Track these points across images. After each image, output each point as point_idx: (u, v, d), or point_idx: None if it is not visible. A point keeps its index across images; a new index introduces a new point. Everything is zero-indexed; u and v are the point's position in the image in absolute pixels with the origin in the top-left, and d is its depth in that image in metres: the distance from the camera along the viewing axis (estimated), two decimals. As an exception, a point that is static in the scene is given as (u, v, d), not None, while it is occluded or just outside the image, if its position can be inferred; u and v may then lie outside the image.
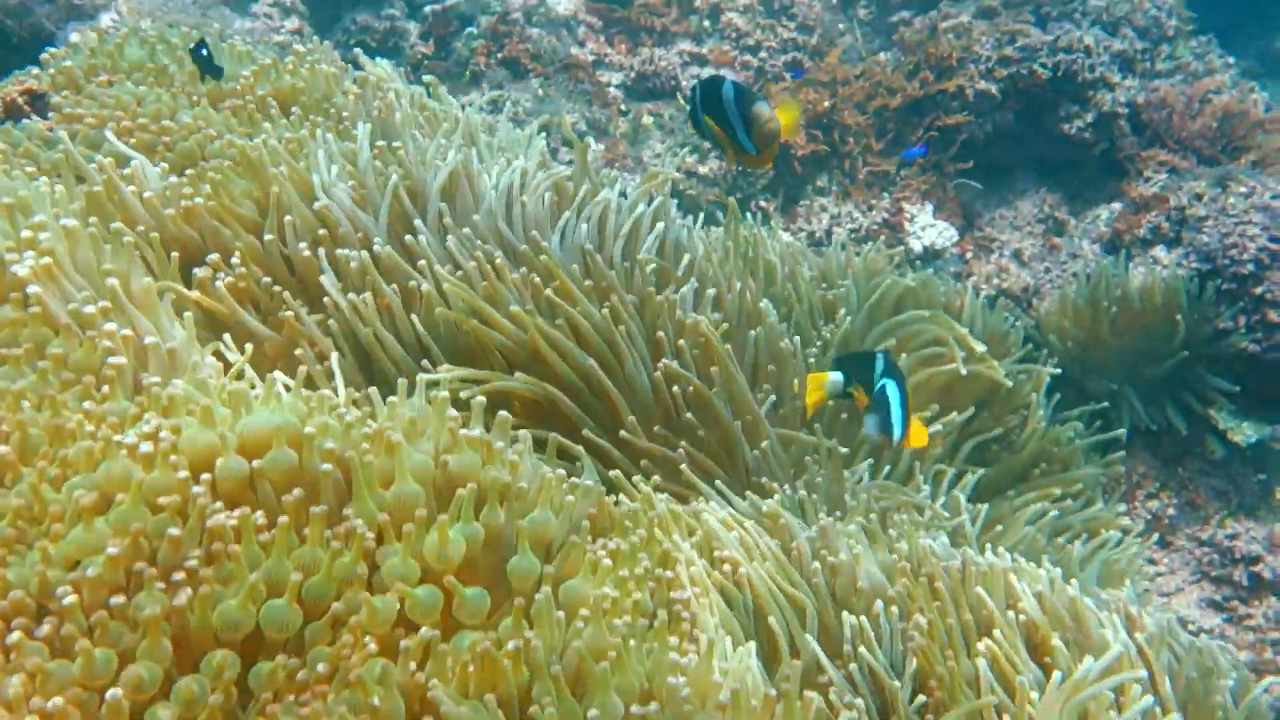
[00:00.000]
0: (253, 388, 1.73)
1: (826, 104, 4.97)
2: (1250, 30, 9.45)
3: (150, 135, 2.16)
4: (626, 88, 5.05)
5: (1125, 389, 4.42)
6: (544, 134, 4.64)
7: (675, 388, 2.33)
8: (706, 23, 5.31)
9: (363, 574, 1.49)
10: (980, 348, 3.33)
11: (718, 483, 2.28)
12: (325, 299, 2.11)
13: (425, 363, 2.13)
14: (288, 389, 1.70)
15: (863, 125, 5.05)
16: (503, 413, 1.79)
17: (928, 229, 4.79)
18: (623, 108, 4.98)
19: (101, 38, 2.51)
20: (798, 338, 2.90)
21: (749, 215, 4.89)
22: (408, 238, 2.23)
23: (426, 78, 3.28)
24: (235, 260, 2.07)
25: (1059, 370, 3.99)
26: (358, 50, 3.29)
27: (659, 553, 1.86)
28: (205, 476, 1.48)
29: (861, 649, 1.93)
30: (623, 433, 2.24)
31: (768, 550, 2.05)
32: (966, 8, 5.25)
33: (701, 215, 3.53)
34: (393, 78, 3.12)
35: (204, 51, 2.88)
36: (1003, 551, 2.33)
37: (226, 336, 1.97)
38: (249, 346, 1.89)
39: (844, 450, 2.64)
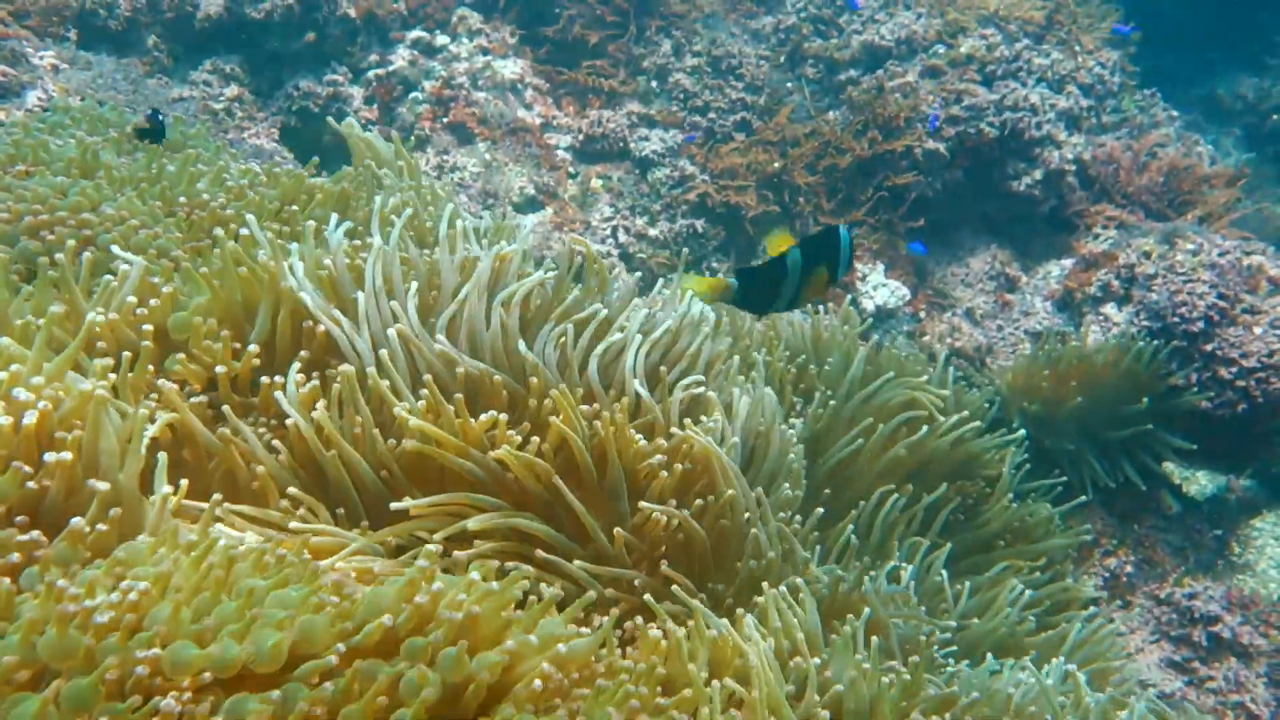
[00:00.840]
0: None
1: (776, 165, 4.96)
2: (1195, 79, 9.66)
3: (69, 229, 2.06)
4: (575, 149, 5.01)
5: (1083, 448, 4.40)
6: (492, 200, 4.59)
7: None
8: (654, 83, 5.29)
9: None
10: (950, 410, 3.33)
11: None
12: (288, 421, 1.94)
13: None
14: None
15: (813, 185, 5.04)
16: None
17: (879, 288, 4.77)
18: (571, 170, 4.93)
19: (24, 126, 2.41)
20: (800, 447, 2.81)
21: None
22: (382, 352, 2.06)
23: (384, 131, 3.19)
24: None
25: (1025, 439, 3.98)
26: (350, 120, 3.19)
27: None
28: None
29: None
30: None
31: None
32: (913, 66, 5.28)
33: (644, 276, 3.44)
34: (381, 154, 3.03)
35: (160, 119, 2.79)
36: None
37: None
38: (183, 483, 1.77)
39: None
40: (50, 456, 1.55)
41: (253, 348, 2.01)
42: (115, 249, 2.01)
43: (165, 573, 1.45)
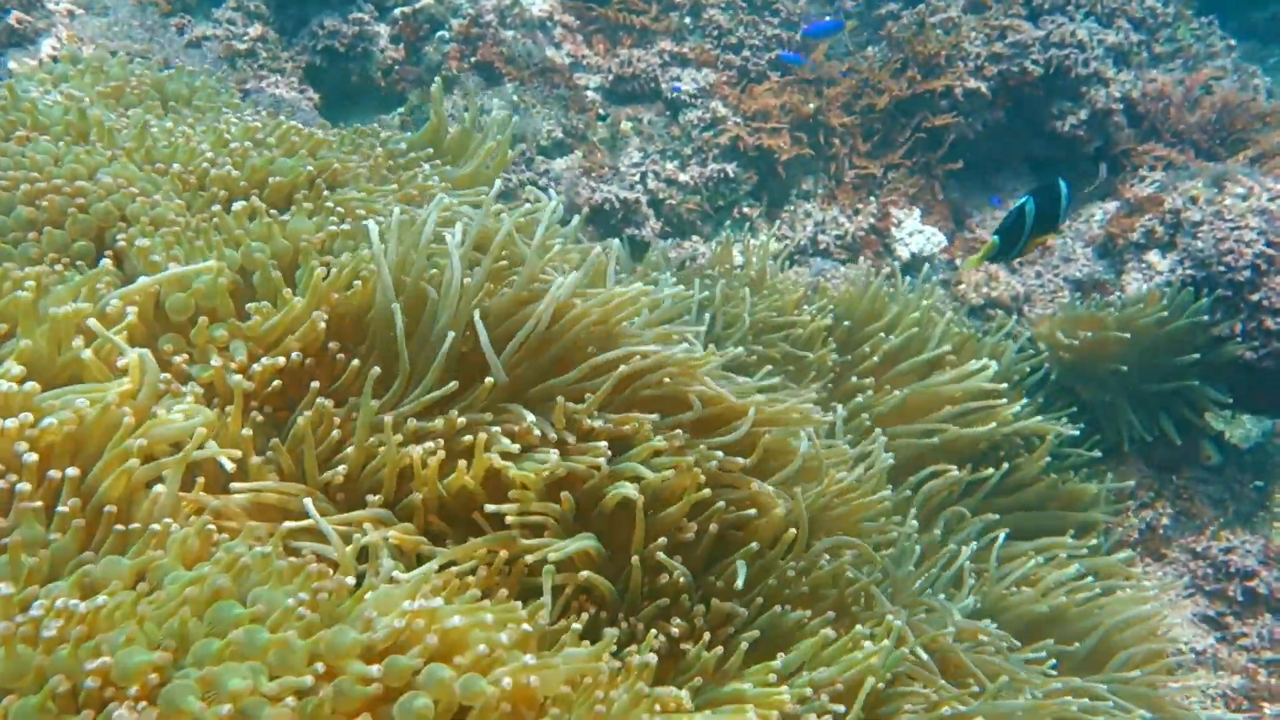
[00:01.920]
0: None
1: (811, 106, 4.82)
2: (1257, 0, 9.22)
3: (63, 198, 2.03)
4: (605, 90, 4.90)
5: (1120, 399, 4.31)
6: (520, 144, 4.51)
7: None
8: (688, 19, 5.15)
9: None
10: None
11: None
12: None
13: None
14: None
15: (849, 126, 4.90)
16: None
17: (915, 235, 4.66)
18: (601, 112, 4.83)
19: (11, 91, 2.37)
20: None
21: (733, 223, 4.77)
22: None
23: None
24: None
25: (1070, 419, 3.99)
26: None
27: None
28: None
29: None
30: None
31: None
32: (956, 0, 5.08)
33: (674, 223, 3.38)
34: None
35: None
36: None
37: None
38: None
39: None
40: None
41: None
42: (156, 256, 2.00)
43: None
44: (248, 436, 1.89)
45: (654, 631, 1.97)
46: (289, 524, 1.79)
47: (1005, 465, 3.56)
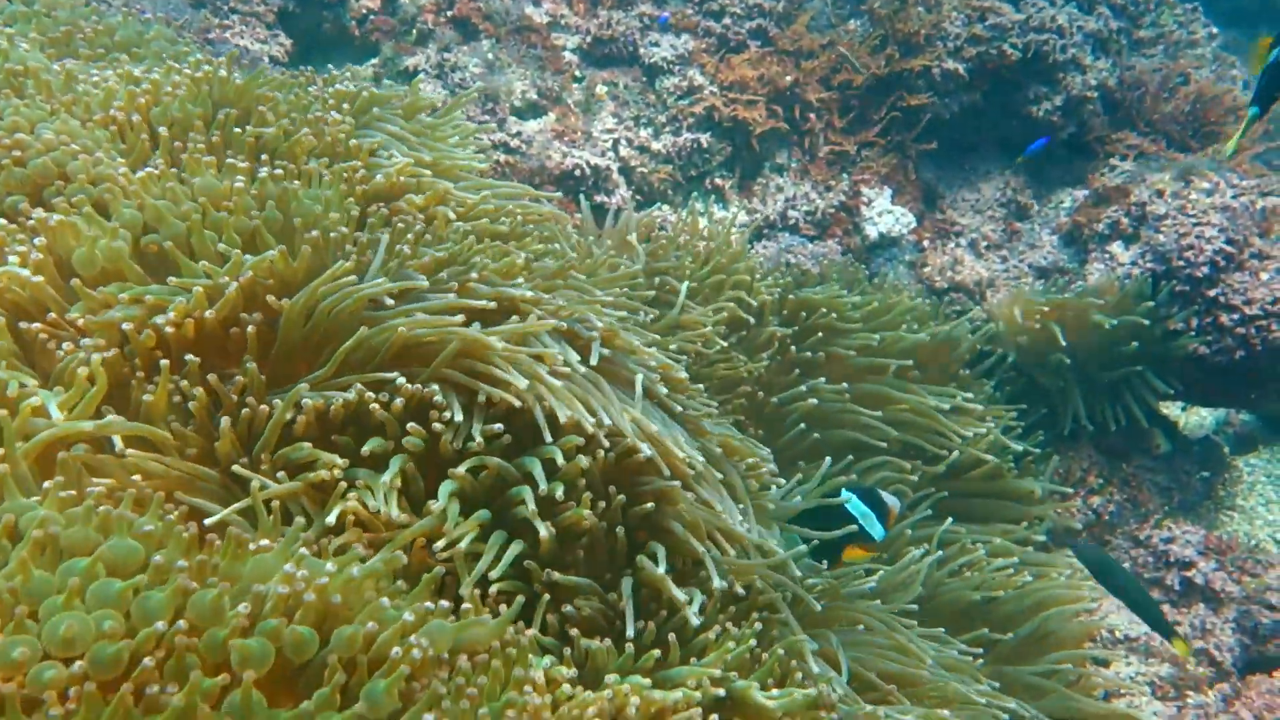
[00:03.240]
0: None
1: (789, 78, 4.81)
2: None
3: (2, 149, 2.02)
4: (583, 51, 4.87)
5: (1073, 387, 4.38)
6: (492, 104, 4.49)
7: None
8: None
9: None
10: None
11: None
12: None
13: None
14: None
15: (826, 101, 4.90)
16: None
17: (884, 215, 4.68)
18: (577, 74, 4.80)
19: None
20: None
21: (704, 194, 4.78)
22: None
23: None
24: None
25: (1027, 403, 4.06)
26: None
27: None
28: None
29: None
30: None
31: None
32: (939, -22, 5.06)
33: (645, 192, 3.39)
34: None
35: None
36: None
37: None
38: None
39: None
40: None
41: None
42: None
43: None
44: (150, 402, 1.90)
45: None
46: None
47: (953, 454, 3.64)
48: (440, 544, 1.95)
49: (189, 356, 1.92)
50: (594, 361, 2.19)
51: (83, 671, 1.44)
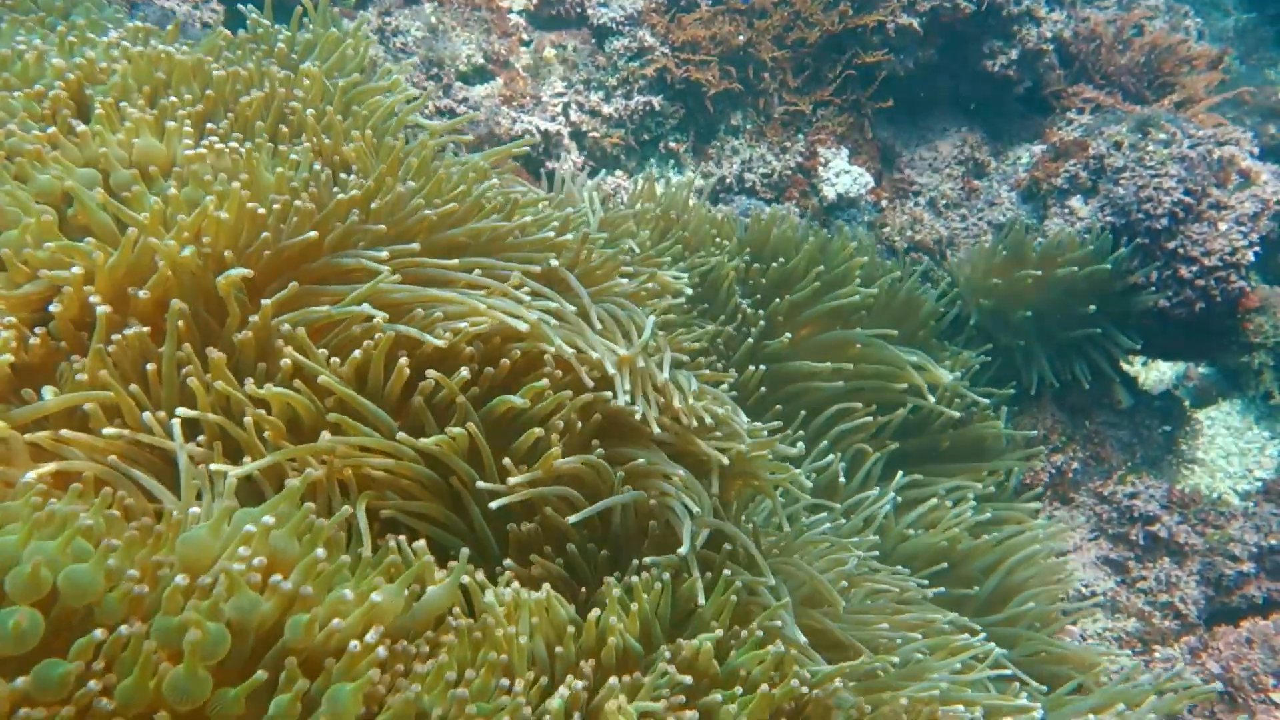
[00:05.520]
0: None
1: (742, 38, 4.70)
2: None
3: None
4: (529, 14, 4.72)
5: (1036, 345, 4.35)
6: (436, 69, 4.34)
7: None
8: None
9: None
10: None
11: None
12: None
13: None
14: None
15: (780, 60, 4.79)
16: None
17: (841, 175, 4.60)
18: (525, 37, 4.66)
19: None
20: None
21: (659, 158, 4.67)
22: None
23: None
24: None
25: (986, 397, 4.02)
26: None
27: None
28: None
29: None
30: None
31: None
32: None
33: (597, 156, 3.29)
34: None
35: None
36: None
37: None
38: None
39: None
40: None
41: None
42: None
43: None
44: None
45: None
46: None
47: (910, 404, 3.60)
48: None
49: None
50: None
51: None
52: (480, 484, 1.99)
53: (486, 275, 2.12)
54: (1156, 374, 5.91)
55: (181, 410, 1.83)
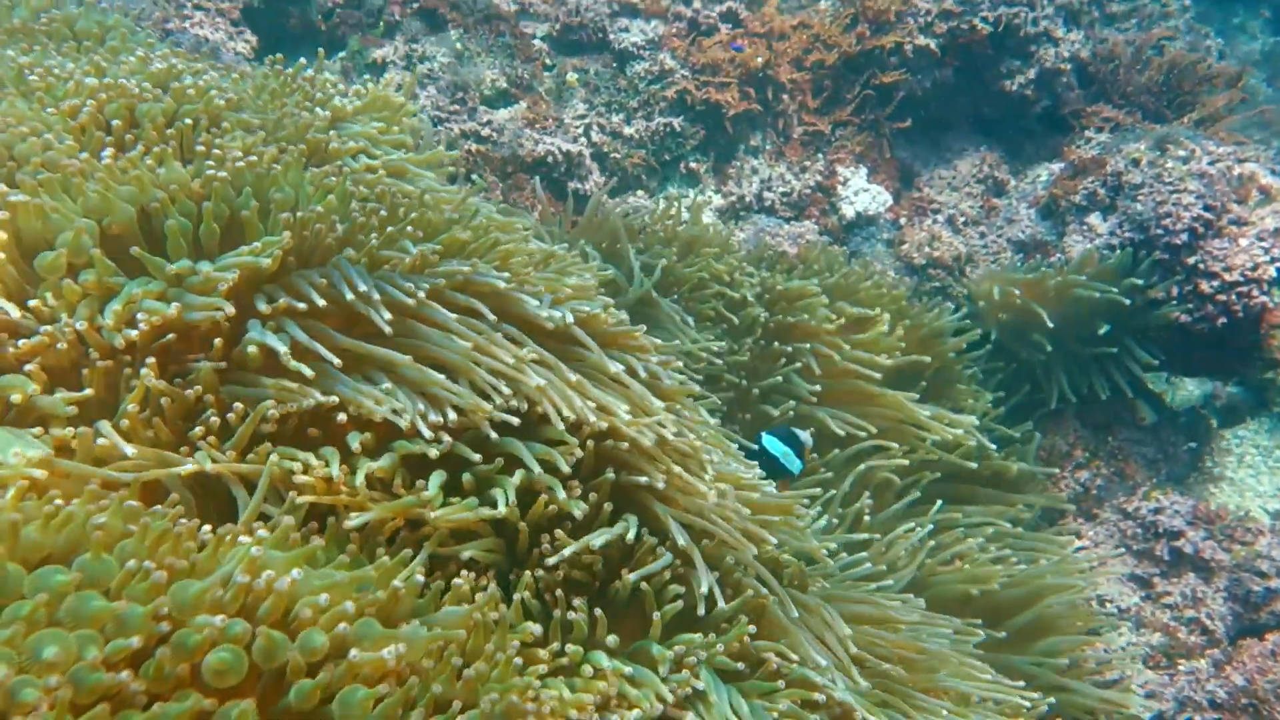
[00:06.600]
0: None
1: (761, 60, 4.77)
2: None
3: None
4: (552, 39, 4.82)
5: (1055, 361, 4.35)
6: (461, 94, 4.44)
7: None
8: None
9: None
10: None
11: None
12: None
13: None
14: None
15: (799, 82, 4.86)
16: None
17: (860, 194, 4.64)
18: (548, 62, 4.75)
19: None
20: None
21: (679, 178, 4.73)
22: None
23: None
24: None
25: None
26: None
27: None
28: None
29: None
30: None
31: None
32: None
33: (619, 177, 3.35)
34: None
35: None
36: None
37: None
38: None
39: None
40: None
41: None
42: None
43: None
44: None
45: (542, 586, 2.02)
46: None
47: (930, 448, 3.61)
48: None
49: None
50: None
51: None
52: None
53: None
54: (1184, 393, 5.87)
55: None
